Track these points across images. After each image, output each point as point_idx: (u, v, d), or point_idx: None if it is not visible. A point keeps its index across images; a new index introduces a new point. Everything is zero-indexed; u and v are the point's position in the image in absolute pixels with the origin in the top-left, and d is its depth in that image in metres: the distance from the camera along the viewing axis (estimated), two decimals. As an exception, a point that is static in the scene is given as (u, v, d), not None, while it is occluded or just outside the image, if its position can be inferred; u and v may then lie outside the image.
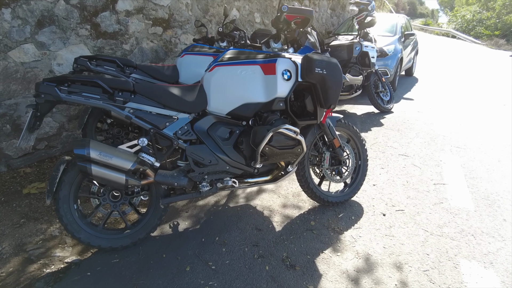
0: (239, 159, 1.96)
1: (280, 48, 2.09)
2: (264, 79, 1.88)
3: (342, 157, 2.29)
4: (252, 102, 1.90)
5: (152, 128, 1.79)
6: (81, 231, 1.83)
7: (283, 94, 1.87)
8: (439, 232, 2.19)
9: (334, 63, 1.91)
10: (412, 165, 3.24)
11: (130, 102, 1.75)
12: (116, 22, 3.46)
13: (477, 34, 24.68)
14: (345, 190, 2.46)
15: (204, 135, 1.91)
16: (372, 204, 2.50)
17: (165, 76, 3.07)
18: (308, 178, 2.24)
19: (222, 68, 1.92)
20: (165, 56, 4.10)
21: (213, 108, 1.91)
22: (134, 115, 1.75)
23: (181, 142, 1.85)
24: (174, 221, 2.23)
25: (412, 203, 2.55)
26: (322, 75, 1.83)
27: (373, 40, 4.95)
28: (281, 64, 1.85)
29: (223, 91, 1.90)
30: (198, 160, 1.88)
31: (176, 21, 4.18)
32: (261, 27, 6.14)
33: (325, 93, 1.88)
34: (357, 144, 2.47)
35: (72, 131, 3.27)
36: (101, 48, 3.38)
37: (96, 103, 1.68)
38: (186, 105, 1.86)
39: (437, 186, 2.84)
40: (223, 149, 1.93)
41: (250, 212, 2.32)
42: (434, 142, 3.89)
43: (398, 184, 2.84)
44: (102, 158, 1.68)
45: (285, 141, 1.84)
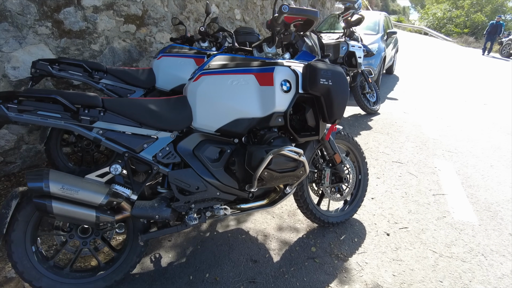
0: (231, 183, 1.69)
1: (274, 53, 1.83)
2: (260, 91, 1.61)
3: (344, 174, 2.07)
4: (245, 117, 1.62)
5: (126, 151, 1.48)
6: (42, 278, 1.50)
7: (282, 108, 1.61)
8: (448, 253, 2.02)
9: (340, 72, 1.67)
10: (408, 173, 3.09)
11: (99, 121, 1.43)
12: (83, 19, 3.06)
13: (447, 32, 25.46)
14: (346, 208, 2.25)
15: (189, 157, 1.62)
16: (374, 222, 2.30)
17: (140, 81, 2.73)
18: (307, 199, 2.00)
19: (209, 77, 1.63)
20: (139, 57, 3.73)
21: (200, 124, 1.62)
22: (104, 136, 1.44)
23: (162, 167, 1.55)
24: (156, 253, 1.92)
25: (415, 218, 2.38)
26: (327, 86, 1.59)
27: (360, 39, 4.78)
28: (279, 73, 1.59)
29: (211, 105, 1.61)
30: (183, 187, 1.59)
31: (150, 18, 3.81)
32: (242, 25, 5.84)
33: (330, 106, 1.63)
34: (357, 157, 2.26)
35: (33, 144, 2.86)
36: (66, 48, 2.97)
37: (56, 123, 1.36)
38: (167, 122, 1.56)
39: (437, 197, 2.69)
40: (213, 172, 1.65)
41: (243, 239, 2.05)
42: (426, 147, 3.77)
43: (397, 197, 2.66)
44: (66, 192, 1.36)
45: (286, 164, 1.58)
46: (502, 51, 15.37)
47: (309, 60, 1.78)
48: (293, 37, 1.82)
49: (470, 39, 21.68)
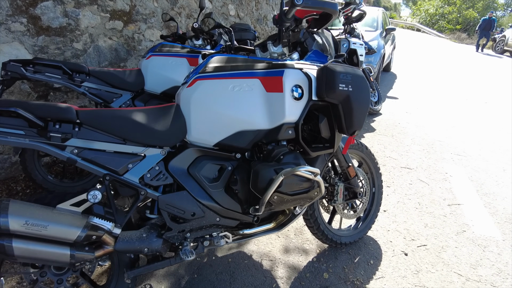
0: (233, 206, 1.44)
1: (281, 53, 1.59)
2: (267, 98, 1.36)
3: (358, 189, 1.83)
4: (250, 129, 1.38)
5: (107, 174, 1.22)
6: (6, 326, 1.24)
7: (293, 118, 1.37)
8: (475, 276, 1.81)
9: (361, 76, 1.43)
10: (419, 180, 2.88)
11: (73, 138, 1.17)
12: (63, 14, 2.77)
13: (440, 28, 25.47)
14: (359, 226, 2.02)
15: (183, 177, 1.36)
16: (389, 239, 2.08)
17: (127, 83, 2.46)
18: (318, 218, 1.77)
19: (206, 82, 1.37)
20: (127, 56, 3.44)
21: (195, 138, 1.37)
22: (80, 156, 1.18)
23: (150, 191, 1.30)
24: (146, 284, 1.67)
25: (432, 233, 2.17)
26: (347, 93, 1.35)
27: (361, 36, 4.55)
28: (290, 77, 1.35)
29: (209, 114, 1.36)
30: (176, 214, 1.34)
31: (139, 14, 3.52)
32: (236, 21, 5.57)
33: (349, 115, 1.39)
34: (371, 168, 2.03)
35: (8, 154, 2.57)
36: (44, 47, 2.68)
37: (18, 142, 1.09)
38: (157, 136, 1.31)
39: (453, 207, 2.49)
40: (211, 194, 1.40)
41: (246, 265, 1.80)
42: (433, 150, 3.57)
43: (410, 208, 2.45)
44: (31, 228, 1.10)
45: (299, 185, 1.34)
46: (495, 47, 15.34)
47: (321, 61, 1.54)
48: (302, 35, 1.57)
49: (463, 36, 21.70)
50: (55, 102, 2.82)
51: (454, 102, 5.72)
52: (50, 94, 2.77)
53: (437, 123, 4.48)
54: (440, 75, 8.33)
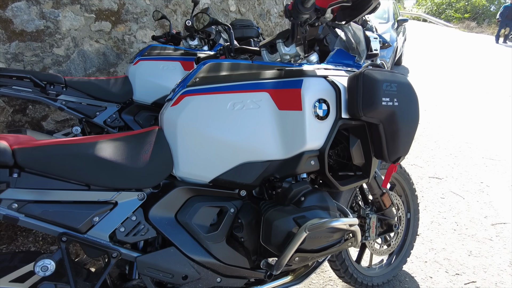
0: (238, 261, 1.09)
1: (294, 55, 1.23)
2: (280, 118, 1.00)
3: (394, 220, 1.47)
4: (257, 160, 1.02)
5: (64, 232, 0.88)
6: None
7: (316, 144, 1.01)
8: (544, 326, 1.45)
9: (408, 85, 1.07)
10: (451, 193, 2.50)
11: (11, 189, 0.83)
12: (39, 16, 2.43)
13: (447, 18, 24.73)
14: (393, 261, 1.66)
15: (170, 228, 1.01)
16: (429, 275, 1.72)
17: (112, 93, 2.12)
18: (346, 260, 1.41)
19: (197, 98, 1.02)
20: (117, 60, 3.10)
21: (185, 172, 1.02)
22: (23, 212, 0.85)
23: (125, 251, 0.95)
24: None
25: (480, 265, 1.80)
26: (392, 108, 0.99)
27: (374, 29, 4.15)
28: (311, 88, 0.98)
29: (202, 142, 1.01)
30: (162, 279, 0.99)
31: (129, 13, 3.17)
32: (238, 17, 5.20)
33: (392, 138, 1.03)
34: (405, 190, 1.67)
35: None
36: (19, 54, 2.34)
37: None
38: (132, 174, 0.96)
39: (497, 227, 2.11)
40: (209, 248, 1.05)
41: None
42: (462, 154, 3.18)
43: (447, 230, 2.08)
44: None
45: (328, 237, 0.98)
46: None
47: (349, 63, 1.18)
48: (321, 30, 1.21)
49: (472, 24, 21.01)
50: (34, 117, 2.50)
51: (473, 95, 5.30)
52: (28, 107, 2.44)
53: (461, 121, 4.09)
54: (452, 67, 7.87)
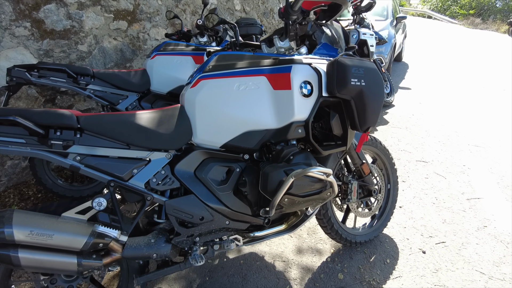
0: (242, 209, 1.39)
1: (288, 48, 1.52)
2: (274, 96, 1.30)
3: (373, 186, 1.76)
4: (257, 129, 1.32)
5: (112, 180, 1.19)
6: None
7: (302, 116, 1.31)
8: (499, 275, 1.73)
9: (373, 69, 1.35)
10: (435, 174, 2.78)
11: (76, 145, 1.14)
12: (66, 17, 2.75)
13: (452, 14, 24.71)
14: (374, 224, 1.96)
15: (190, 181, 1.32)
16: (406, 237, 2.01)
17: (133, 84, 2.43)
18: (332, 218, 1.71)
19: (210, 81, 1.32)
20: (133, 56, 3.41)
21: (202, 139, 1.33)
22: (83, 163, 1.15)
23: (157, 196, 1.26)
24: (158, 287, 1.65)
25: (452, 230, 2.08)
26: (360, 88, 1.28)
27: (371, 26, 4.41)
28: (298, 73, 1.28)
29: (215, 115, 1.31)
30: (184, 219, 1.30)
31: (143, 13, 3.48)
32: (242, 16, 5.49)
33: (362, 111, 1.32)
34: (386, 164, 1.95)
35: (18, 159, 2.58)
36: (49, 51, 2.67)
37: (20, 151, 1.07)
38: (161, 139, 1.27)
39: (472, 202, 2.39)
40: (220, 197, 1.35)
41: (258, 267, 1.76)
42: (449, 142, 3.45)
43: (427, 204, 2.36)
44: (36, 238, 1.07)
45: (310, 186, 1.28)
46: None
47: (331, 54, 1.47)
48: (309, 27, 1.50)
49: (477, 21, 20.99)
50: (62, 106, 2.83)
51: (469, 89, 5.53)
52: (57, 97, 2.77)
53: (453, 113, 4.34)
54: (451, 62, 8.07)
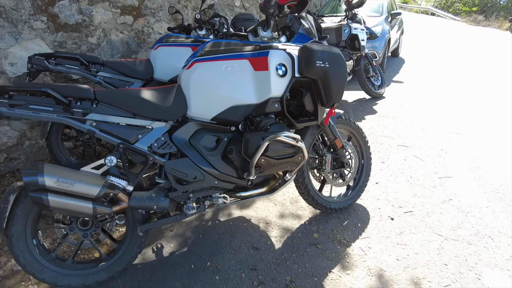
0: (229, 172, 1.67)
1: (270, 37, 1.78)
2: (255, 76, 1.57)
3: (345, 159, 2.03)
4: (241, 104, 1.59)
5: (121, 142, 1.46)
6: (44, 270, 1.51)
7: (278, 93, 1.57)
8: (454, 236, 1.99)
9: (337, 54, 1.61)
10: (414, 156, 3.03)
11: (92, 113, 1.41)
12: (78, 11, 3.03)
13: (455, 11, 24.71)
14: (349, 194, 2.22)
15: (185, 146, 1.59)
16: (378, 207, 2.27)
17: (138, 72, 2.70)
18: (308, 185, 1.97)
19: (202, 64, 1.59)
20: (138, 48, 3.69)
21: (195, 113, 1.60)
22: (98, 128, 1.43)
23: (158, 157, 1.54)
24: (158, 243, 1.93)
25: (420, 202, 2.34)
26: (324, 69, 1.54)
27: (362, 22, 4.65)
28: (274, 57, 1.55)
29: (206, 92, 1.58)
30: (180, 177, 1.57)
31: (147, 8, 3.76)
32: (242, 11, 5.74)
33: (327, 90, 1.59)
34: (359, 141, 2.21)
35: (35, 140, 2.88)
36: (63, 42, 2.95)
37: (48, 117, 1.34)
38: (162, 111, 1.54)
39: (443, 180, 2.64)
40: (210, 161, 1.63)
41: (244, 227, 2.04)
42: (432, 129, 3.69)
43: (402, 181, 2.62)
44: (61, 185, 1.35)
45: (283, 150, 1.55)
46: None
47: (305, 42, 1.73)
48: (289, 20, 1.76)
49: (479, 18, 21.03)
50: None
51: (460, 83, 5.74)
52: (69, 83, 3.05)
53: (440, 105, 4.56)
54: (448, 58, 8.26)
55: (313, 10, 8.37)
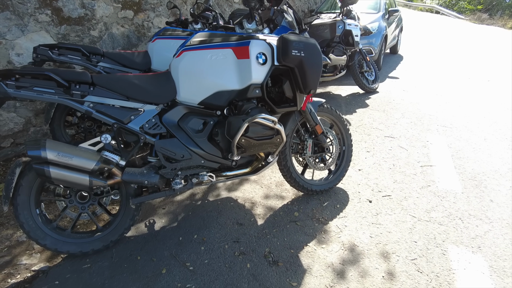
0: (214, 152, 1.82)
1: (255, 29, 1.93)
2: (237, 64, 1.72)
3: (325, 144, 2.18)
4: (225, 89, 1.74)
5: (115, 122, 1.62)
6: (46, 237, 1.68)
7: (258, 80, 1.72)
8: (426, 218, 2.13)
9: (313, 44, 1.75)
10: (399, 147, 3.16)
11: (89, 96, 1.57)
12: (81, 6, 3.19)
13: (460, 9, 24.58)
14: (330, 178, 2.37)
15: (174, 128, 1.75)
16: (358, 191, 2.42)
17: (136, 63, 2.86)
18: (290, 168, 2.12)
19: (190, 53, 1.74)
20: (138, 42, 3.86)
21: (183, 97, 1.75)
22: (95, 109, 1.58)
23: (148, 137, 1.69)
24: (150, 219, 2.10)
25: (399, 187, 2.48)
26: (300, 57, 1.68)
27: (357, 18, 4.77)
28: (254, 46, 1.69)
29: (193, 79, 1.73)
30: (169, 156, 1.73)
31: (148, 4, 3.91)
32: (240, 7, 5.87)
33: (303, 77, 1.73)
34: (341, 129, 2.35)
35: (40, 126, 3.05)
36: (66, 35, 3.12)
37: (50, 98, 1.50)
38: (153, 95, 1.70)
39: (424, 168, 2.78)
40: (197, 142, 1.78)
41: (231, 206, 2.20)
42: (421, 122, 3.82)
43: (384, 168, 2.76)
44: (61, 158, 1.52)
45: (262, 131, 1.70)
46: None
47: (286, 34, 1.87)
48: (272, 13, 1.91)
49: (484, 16, 20.91)
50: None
51: (456, 80, 5.84)
52: (72, 75, 3.22)
53: (432, 100, 4.68)
54: (448, 56, 8.33)
55: (313, 6, 8.49)
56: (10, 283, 1.65)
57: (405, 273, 1.69)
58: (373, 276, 1.67)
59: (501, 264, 1.75)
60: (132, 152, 1.68)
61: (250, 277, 1.64)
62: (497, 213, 2.18)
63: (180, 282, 1.62)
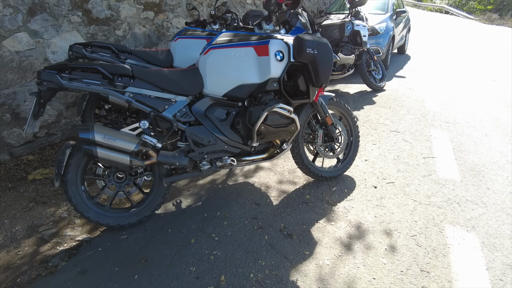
0: (236, 139, 2.05)
1: (272, 30, 2.15)
2: (258, 61, 1.95)
3: (335, 134, 2.40)
4: (246, 83, 1.97)
5: (152, 111, 1.87)
6: (90, 210, 1.93)
7: (276, 74, 1.95)
8: (427, 202, 2.34)
9: (325, 43, 1.98)
10: (403, 140, 3.36)
11: (130, 87, 1.82)
12: (107, 7, 3.46)
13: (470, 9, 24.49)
14: (338, 165, 2.58)
15: (202, 117, 1.99)
16: (364, 178, 2.63)
17: (160, 60, 3.11)
18: (302, 155, 2.34)
19: (216, 50, 1.98)
20: (158, 41, 4.12)
21: (209, 90, 1.99)
22: (134, 99, 1.83)
23: (180, 124, 1.94)
24: (177, 199, 2.34)
25: (402, 175, 2.69)
26: (313, 55, 1.91)
27: (365, 19, 4.97)
28: (273, 45, 1.92)
29: (218, 73, 1.97)
30: (197, 141, 1.97)
31: (167, 5, 4.17)
32: (253, 8, 6.11)
33: (316, 72, 1.96)
34: (349, 121, 2.57)
35: (70, 118, 3.33)
36: (94, 34, 3.39)
37: (97, 89, 1.75)
38: (184, 88, 1.94)
39: (427, 159, 2.97)
40: (221, 129, 2.02)
41: (249, 189, 2.44)
42: (425, 118, 4.01)
43: (389, 159, 2.96)
44: (106, 140, 1.77)
45: (279, 120, 1.93)
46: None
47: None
48: (288, 15, 2.14)
49: (494, 16, 20.83)
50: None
51: (462, 79, 5.99)
52: (99, 72, 3.49)
53: (437, 98, 4.85)
54: (455, 56, 8.46)
55: (322, 7, 8.68)
56: (59, 250, 1.91)
57: (405, 247, 1.90)
58: (377, 249, 1.89)
59: (492, 241, 1.96)
60: (166, 137, 1.93)
61: (268, 246, 1.88)
62: (493, 199, 2.37)
63: (207, 249, 1.85)
